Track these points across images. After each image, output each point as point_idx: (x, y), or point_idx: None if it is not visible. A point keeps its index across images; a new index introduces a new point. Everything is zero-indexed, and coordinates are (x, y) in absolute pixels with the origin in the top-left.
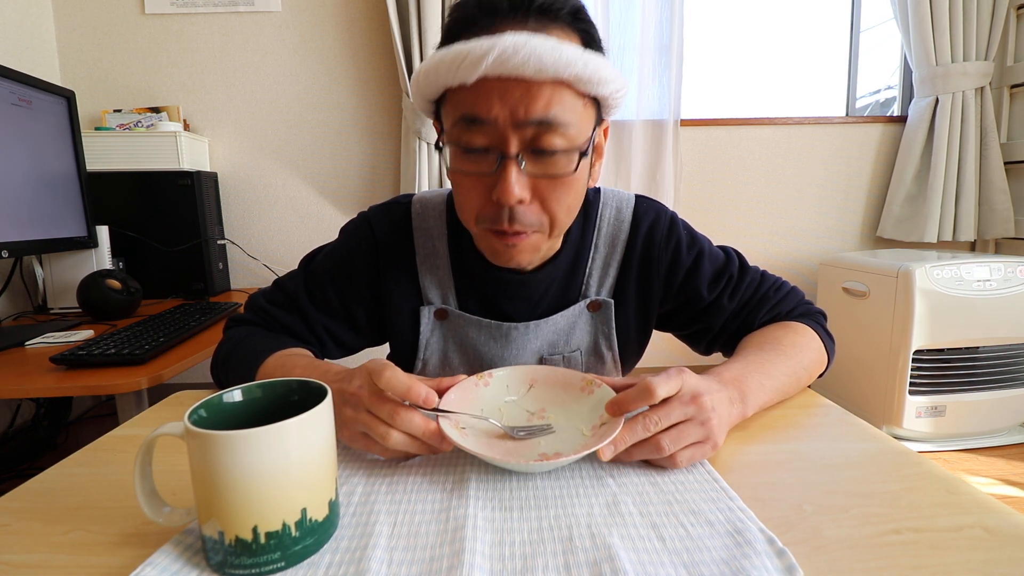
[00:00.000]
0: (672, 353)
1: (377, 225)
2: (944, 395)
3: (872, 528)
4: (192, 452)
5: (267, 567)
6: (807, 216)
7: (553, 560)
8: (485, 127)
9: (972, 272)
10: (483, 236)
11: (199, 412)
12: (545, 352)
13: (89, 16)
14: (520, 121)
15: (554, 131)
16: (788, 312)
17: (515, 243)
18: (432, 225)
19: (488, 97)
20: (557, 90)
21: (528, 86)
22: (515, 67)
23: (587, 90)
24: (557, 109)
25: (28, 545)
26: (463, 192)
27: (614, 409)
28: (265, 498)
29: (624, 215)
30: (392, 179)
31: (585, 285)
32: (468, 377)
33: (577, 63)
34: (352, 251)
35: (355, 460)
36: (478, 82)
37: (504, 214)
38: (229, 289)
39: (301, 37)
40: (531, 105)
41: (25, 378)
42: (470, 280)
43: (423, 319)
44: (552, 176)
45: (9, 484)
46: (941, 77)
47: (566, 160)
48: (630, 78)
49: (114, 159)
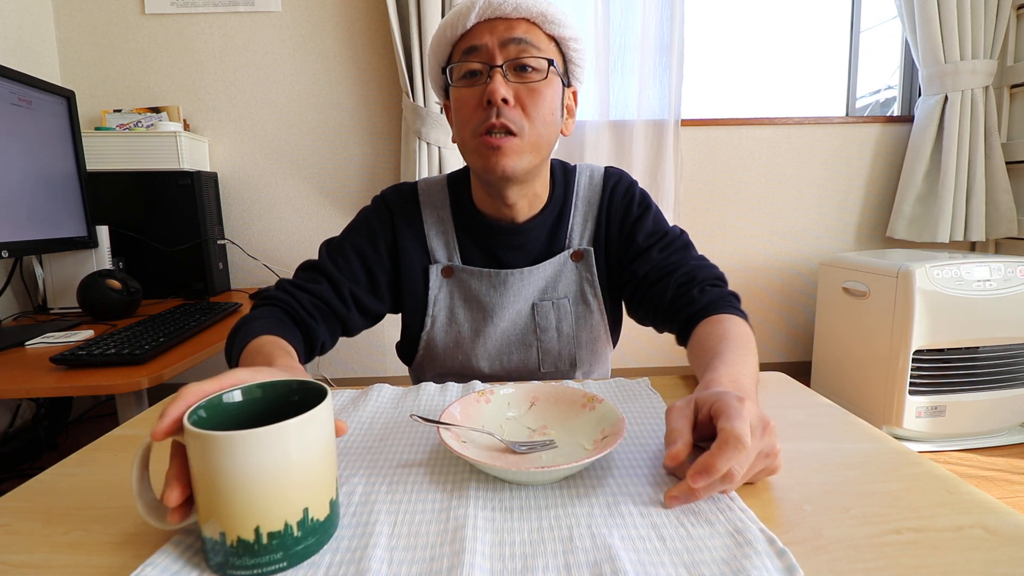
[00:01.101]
0: (672, 354)
1: (391, 199)
2: (944, 395)
3: (872, 528)
4: (193, 453)
5: (269, 567)
6: (807, 216)
7: (553, 560)
8: (479, 52)
9: (972, 272)
10: (477, 150)
11: (199, 412)
12: (536, 299)
13: (89, 16)
14: (504, 41)
15: (527, 50)
16: (704, 279)
17: (500, 144)
18: (436, 197)
19: (480, 32)
20: (530, 26)
21: (509, 22)
22: (497, 7)
23: (551, 30)
24: (530, 36)
25: (28, 545)
26: (462, 108)
27: (701, 476)
28: (267, 498)
29: (596, 179)
30: (392, 179)
31: (569, 237)
32: (470, 394)
33: (542, 3)
34: (370, 222)
35: (355, 460)
36: (473, 26)
37: (493, 112)
38: (229, 289)
39: (301, 37)
40: (511, 31)
41: (25, 378)
42: (471, 237)
43: (432, 277)
44: (528, 83)
45: (9, 484)
46: (951, 75)
47: (537, 74)
48: (630, 78)
49: (114, 159)
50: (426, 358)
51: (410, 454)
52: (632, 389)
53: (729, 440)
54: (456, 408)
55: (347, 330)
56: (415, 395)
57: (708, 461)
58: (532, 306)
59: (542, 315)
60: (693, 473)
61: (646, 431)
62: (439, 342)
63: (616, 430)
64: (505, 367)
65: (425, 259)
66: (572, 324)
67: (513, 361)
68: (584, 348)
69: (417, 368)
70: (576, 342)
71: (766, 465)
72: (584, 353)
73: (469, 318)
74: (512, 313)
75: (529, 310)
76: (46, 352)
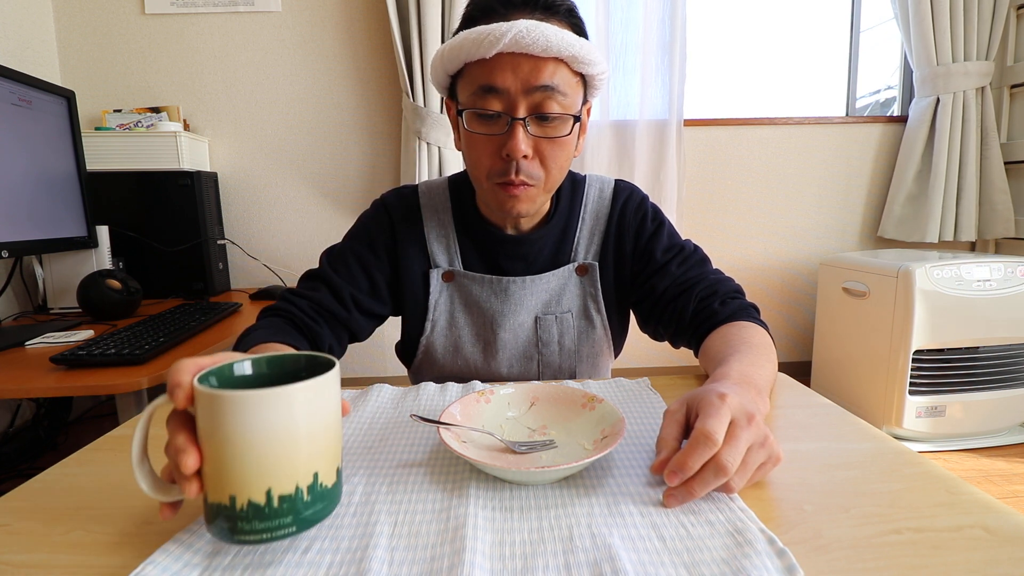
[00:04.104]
0: (672, 354)
1: (391, 203)
2: (944, 395)
3: (872, 528)
4: (202, 415)
5: (279, 531)
6: (807, 216)
7: (553, 560)
8: (499, 95)
9: (972, 272)
10: (491, 191)
11: (209, 380)
12: (539, 312)
13: (89, 16)
14: (528, 88)
15: (554, 98)
16: (725, 292)
17: (517, 194)
18: (437, 201)
19: (503, 69)
20: (558, 66)
21: (536, 61)
22: (527, 45)
23: (580, 69)
24: (557, 80)
25: (28, 545)
26: (477, 151)
27: (675, 474)
28: (279, 460)
29: (606, 194)
30: (392, 179)
31: (574, 251)
32: (470, 394)
33: (575, 45)
34: (370, 227)
35: (355, 460)
36: (495, 57)
37: (512, 167)
38: (229, 289)
39: (301, 37)
40: (538, 75)
41: (25, 378)
42: (472, 243)
43: (432, 282)
44: (550, 137)
45: (9, 484)
46: (942, 77)
47: (562, 125)
48: (632, 78)
49: (114, 159)
50: (425, 362)
51: (410, 454)
52: (632, 389)
53: (699, 438)
54: (456, 408)
55: (354, 334)
56: (415, 395)
57: (680, 460)
58: (535, 319)
59: (544, 329)
60: (668, 472)
61: (646, 431)
62: (438, 347)
63: (616, 430)
64: (504, 377)
65: (425, 263)
66: (574, 339)
67: (513, 372)
68: (585, 362)
69: (416, 371)
70: (577, 356)
71: (766, 456)
72: (585, 367)
73: (470, 323)
74: (514, 324)
75: (532, 323)
76: (46, 352)
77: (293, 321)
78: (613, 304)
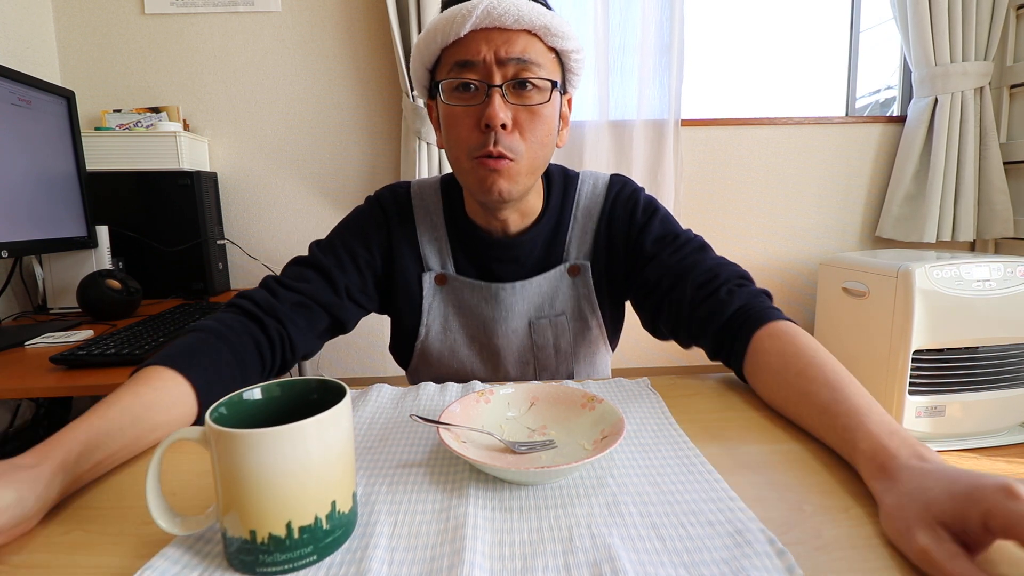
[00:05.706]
0: (672, 354)
1: (384, 200)
2: (944, 395)
3: (872, 528)
4: (219, 452)
5: (300, 562)
6: (807, 216)
7: (553, 560)
8: (475, 67)
9: (972, 272)
10: (472, 171)
11: (220, 411)
12: (532, 315)
13: (89, 16)
14: (502, 59)
15: (529, 68)
16: (727, 278)
17: (499, 167)
18: (430, 202)
19: (476, 44)
20: (531, 40)
21: (508, 34)
22: (498, 17)
23: (553, 43)
24: (531, 52)
25: (28, 545)
26: (456, 127)
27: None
28: (297, 494)
29: (599, 189)
30: (392, 179)
31: (566, 251)
32: (470, 394)
33: (546, 15)
34: (364, 221)
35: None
36: (468, 34)
37: (491, 138)
38: (229, 289)
39: (301, 37)
40: (510, 47)
41: (25, 378)
42: (464, 246)
43: (425, 285)
44: (528, 106)
45: None
46: (940, 77)
47: (539, 94)
48: (630, 78)
49: (114, 159)
50: (421, 364)
51: (410, 454)
52: (632, 389)
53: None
54: (456, 408)
55: (343, 324)
56: (415, 395)
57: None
58: (529, 324)
59: (539, 333)
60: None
61: (646, 431)
62: (434, 351)
63: (616, 430)
64: (501, 380)
65: (418, 265)
66: (570, 341)
67: (510, 375)
68: (582, 362)
69: (413, 373)
70: (574, 357)
71: None
72: (582, 366)
73: (464, 328)
74: (507, 330)
75: (526, 328)
76: (46, 352)
77: (222, 335)
78: (607, 302)
